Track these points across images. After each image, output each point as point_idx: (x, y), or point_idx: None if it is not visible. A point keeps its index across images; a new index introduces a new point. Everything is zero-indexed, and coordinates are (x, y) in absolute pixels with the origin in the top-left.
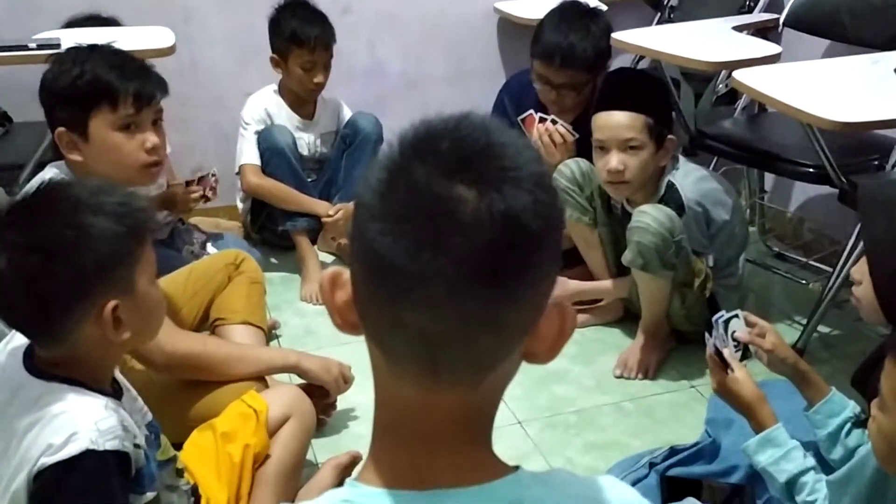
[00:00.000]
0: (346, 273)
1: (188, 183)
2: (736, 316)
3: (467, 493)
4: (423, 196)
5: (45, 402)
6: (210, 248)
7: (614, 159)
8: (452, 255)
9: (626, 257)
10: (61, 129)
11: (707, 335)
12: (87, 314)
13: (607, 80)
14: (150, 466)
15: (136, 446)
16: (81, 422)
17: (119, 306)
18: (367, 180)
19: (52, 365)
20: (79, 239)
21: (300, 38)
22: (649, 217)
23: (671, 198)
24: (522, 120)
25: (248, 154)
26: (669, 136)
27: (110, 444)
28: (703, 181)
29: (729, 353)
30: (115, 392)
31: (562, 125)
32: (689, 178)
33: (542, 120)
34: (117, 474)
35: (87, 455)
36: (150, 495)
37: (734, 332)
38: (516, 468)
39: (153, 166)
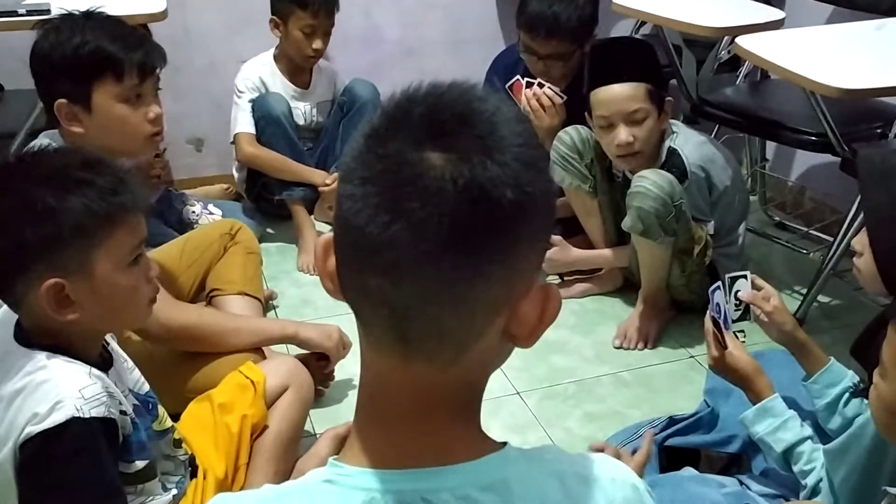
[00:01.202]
0: (328, 238)
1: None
2: (744, 276)
3: (450, 472)
4: (390, 160)
5: (29, 370)
6: (212, 207)
7: (623, 133)
8: (410, 220)
9: (626, 223)
10: (62, 100)
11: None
12: (31, 286)
13: (597, 55)
14: (140, 435)
15: (123, 413)
16: (66, 389)
17: (66, 286)
18: (349, 146)
19: (36, 334)
20: (19, 211)
21: (304, 0)
22: (649, 182)
23: (673, 164)
24: (510, 87)
25: (243, 123)
26: (667, 98)
27: (95, 411)
28: (704, 146)
29: (723, 318)
30: (104, 361)
31: (549, 87)
32: (690, 142)
33: (528, 85)
34: (104, 440)
35: (73, 422)
36: (139, 464)
37: (738, 290)
38: (503, 444)
39: (155, 136)
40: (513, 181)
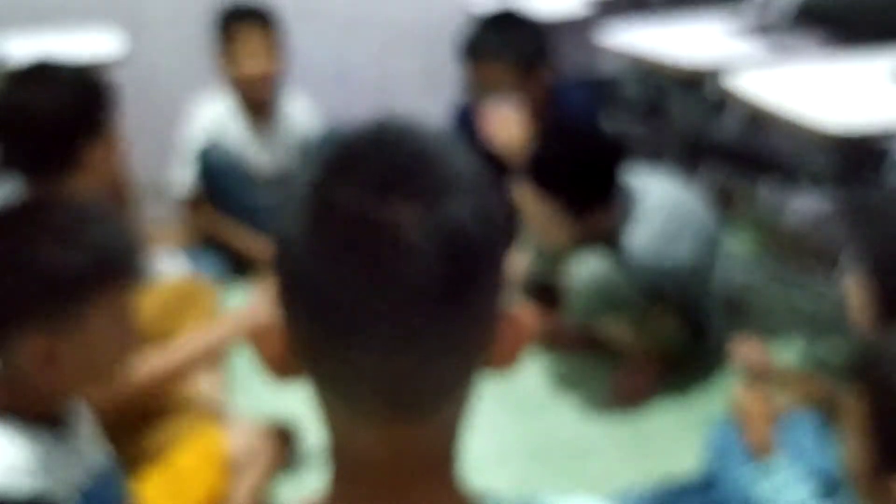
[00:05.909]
0: (264, 322)
1: None
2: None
3: None
4: (357, 223)
5: None
6: (172, 259)
7: None
8: (402, 281)
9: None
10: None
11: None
12: (17, 340)
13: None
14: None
15: (61, 482)
16: None
17: (56, 343)
18: (286, 213)
19: None
20: (24, 261)
21: (222, 26)
22: (584, 268)
23: (620, 250)
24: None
25: (186, 183)
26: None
27: (16, 482)
28: (655, 239)
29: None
30: (64, 422)
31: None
32: (645, 233)
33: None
34: None
35: None
36: None
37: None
38: (483, 498)
39: None
40: (482, 212)
